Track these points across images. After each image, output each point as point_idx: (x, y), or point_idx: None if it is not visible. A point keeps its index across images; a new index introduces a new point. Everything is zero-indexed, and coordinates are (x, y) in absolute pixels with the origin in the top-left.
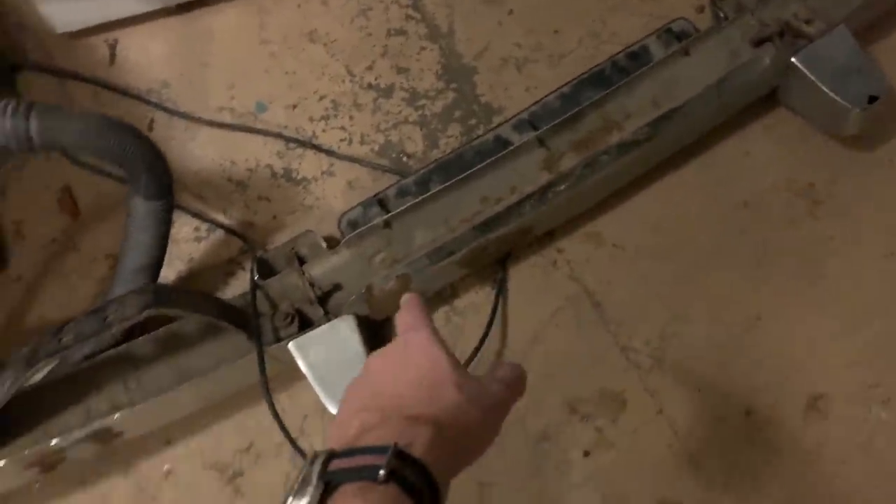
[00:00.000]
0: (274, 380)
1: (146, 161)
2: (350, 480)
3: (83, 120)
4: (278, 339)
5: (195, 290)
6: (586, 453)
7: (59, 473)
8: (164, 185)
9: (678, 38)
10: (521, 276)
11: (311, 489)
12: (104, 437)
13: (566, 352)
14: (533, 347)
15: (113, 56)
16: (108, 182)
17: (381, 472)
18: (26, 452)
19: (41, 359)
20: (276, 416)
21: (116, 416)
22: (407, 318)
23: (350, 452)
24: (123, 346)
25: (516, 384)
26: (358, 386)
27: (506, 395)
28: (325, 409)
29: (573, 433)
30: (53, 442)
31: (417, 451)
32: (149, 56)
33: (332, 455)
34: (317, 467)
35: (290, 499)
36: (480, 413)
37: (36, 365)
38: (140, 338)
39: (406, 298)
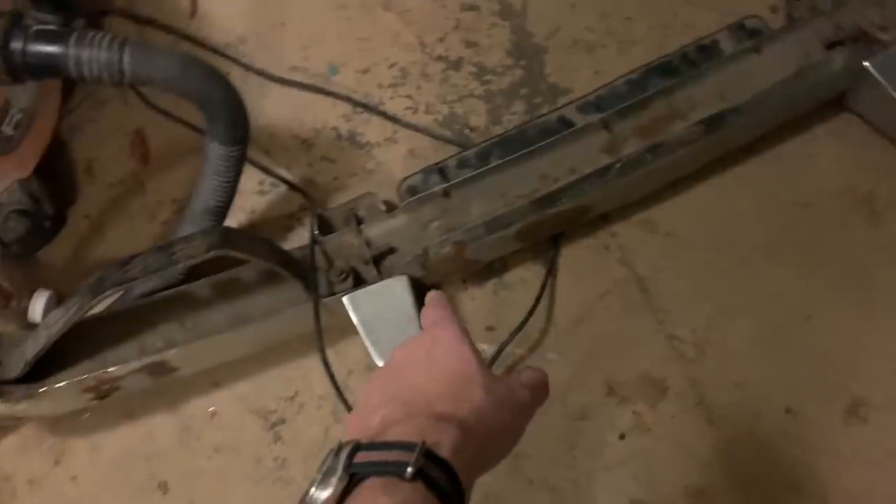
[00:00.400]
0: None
1: (227, 106)
2: (376, 475)
3: (173, 58)
4: (332, 294)
5: (259, 236)
6: (622, 436)
7: (109, 404)
8: (240, 132)
9: (750, 35)
10: (572, 255)
11: (335, 480)
12: (159, 370)
13: (611, 335)
14: (578, 327)
15: (194, 9)
16: (180, 128)
17: (410, 469)
18: (85, 376)
19: (107, 288)
20: (325, 362)
21: (173, 350)
22: (432, 314)
23: (376, 446)
24: (183, 287)
25: (540, 390)
26: (382, 377)
27: (530, 401)
28: (369, 366)
29: (611, 415)
30: (111, 369)
31: (444, 451)
32: (228, 11)
33: (357, 447)
34: (342, 458)
35: (314, 489)
36: (506, 417)
37: (102, 294)
38: (200, 280)
39: (431, 296)
